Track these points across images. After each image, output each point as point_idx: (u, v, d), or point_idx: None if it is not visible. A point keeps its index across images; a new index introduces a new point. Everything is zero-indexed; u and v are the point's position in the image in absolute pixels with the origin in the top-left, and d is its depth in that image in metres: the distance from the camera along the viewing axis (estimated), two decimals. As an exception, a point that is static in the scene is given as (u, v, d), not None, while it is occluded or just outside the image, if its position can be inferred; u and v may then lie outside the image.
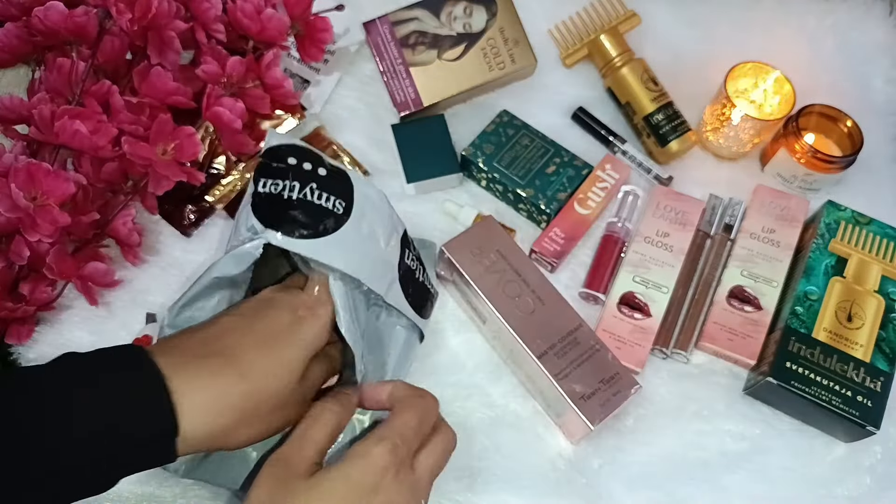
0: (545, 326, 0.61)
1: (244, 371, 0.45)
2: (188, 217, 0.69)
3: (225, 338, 0.47)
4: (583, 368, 0.60)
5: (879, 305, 0.64)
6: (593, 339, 0.61)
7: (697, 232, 0.70)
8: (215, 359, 0.45)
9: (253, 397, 0.45)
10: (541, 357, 0.59)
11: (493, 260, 0.63)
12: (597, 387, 0.59)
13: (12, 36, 0.62)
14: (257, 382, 0.46)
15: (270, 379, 0.46)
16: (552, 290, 0.63)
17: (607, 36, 0.76)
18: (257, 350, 0.46)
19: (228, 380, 0.45)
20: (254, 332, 0.47)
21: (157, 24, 0.62)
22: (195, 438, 0.43)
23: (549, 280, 0.63)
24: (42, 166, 0.58)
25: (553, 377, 0.59)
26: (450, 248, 0.63)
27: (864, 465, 0.63)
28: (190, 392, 0.43)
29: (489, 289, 0.62)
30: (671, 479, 0.62)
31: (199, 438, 0.43)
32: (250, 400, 0.45)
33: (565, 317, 0.62)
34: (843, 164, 0.70)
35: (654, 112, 0.73)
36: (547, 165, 0.72)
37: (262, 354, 0.46)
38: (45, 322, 0.65)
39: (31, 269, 0.62)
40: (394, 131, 0.73)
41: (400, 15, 0.75)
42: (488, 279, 0.62)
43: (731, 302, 0.66)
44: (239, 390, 0.45)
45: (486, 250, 0.63)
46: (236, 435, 0.46)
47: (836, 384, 0.61)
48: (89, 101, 0.61)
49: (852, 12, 0.82)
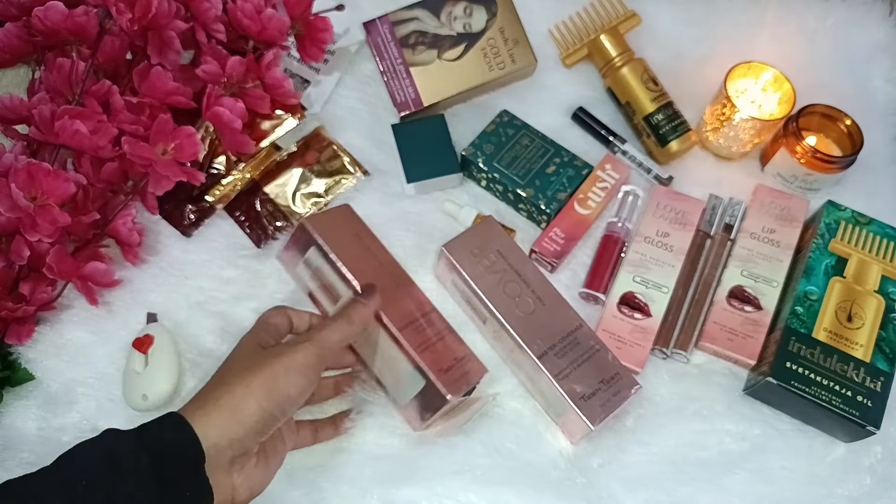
0: (545, 327, 0.61)
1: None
2: (188, 217, 0.69)
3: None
4: (583, 369, 0.60)
5: (879, 305, 0.64)
6: (593, 340, 0.61)
7: (697, 232, 0.70)
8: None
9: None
10: (541, 357, 0.59)
11: (493, 260, 0.63)
12: (597, 387, 0.59)
13: (12, 36, 0.62)
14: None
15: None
16: (552, 290, 0.63)
17: (607, 36, 0.76)
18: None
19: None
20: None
21: (157, 24, 0.62)
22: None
23: (549, 280, 0.63)
24: (42, 166, 0.58)
25: (553, 377, 0.59)
26: (450, 248, 0.63)
27: (864, 465, 0.63)
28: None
29: (489, 289, 0.62)
30: (671, 479, 0.62)
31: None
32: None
33: (566, 317, 0.62)
34: (843, 164, 0.70)
35: (654, 112, 0.73)
36: (547, 165, 0.72)
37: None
38: (45, 322, 0.65)
39: (31, 269, 0.62)
40: (394, 131, 0.73)
41: (400, 15, 0.75)
42: (488, 279, 0.62)
43: (732, 302, 0.66)
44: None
45: (486, 250, 0.63)
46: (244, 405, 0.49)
47: (836, 384, 0.61)
48: (89, 101, 0.61)
49: (852, 12, 0.82)
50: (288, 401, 0.50)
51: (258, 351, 0.52)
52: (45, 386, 0.63)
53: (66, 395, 0.62)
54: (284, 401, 0.50)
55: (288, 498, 0.59)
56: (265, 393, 0.49)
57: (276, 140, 0.72)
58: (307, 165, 0.72)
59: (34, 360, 0.63)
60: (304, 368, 0.51)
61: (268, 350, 0.52)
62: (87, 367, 0.63)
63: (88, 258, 0.63)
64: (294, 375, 0.50)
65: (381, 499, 0.59)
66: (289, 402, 0.50)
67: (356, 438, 0.62)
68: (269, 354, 0.51)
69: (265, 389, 0.49)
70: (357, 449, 0.61)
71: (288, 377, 0.50)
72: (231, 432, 0.48)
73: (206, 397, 0.49)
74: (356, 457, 0.61)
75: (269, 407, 0.49)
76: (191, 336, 0.65)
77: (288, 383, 0.50)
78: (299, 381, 0.51)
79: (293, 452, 0.61)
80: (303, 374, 0.51)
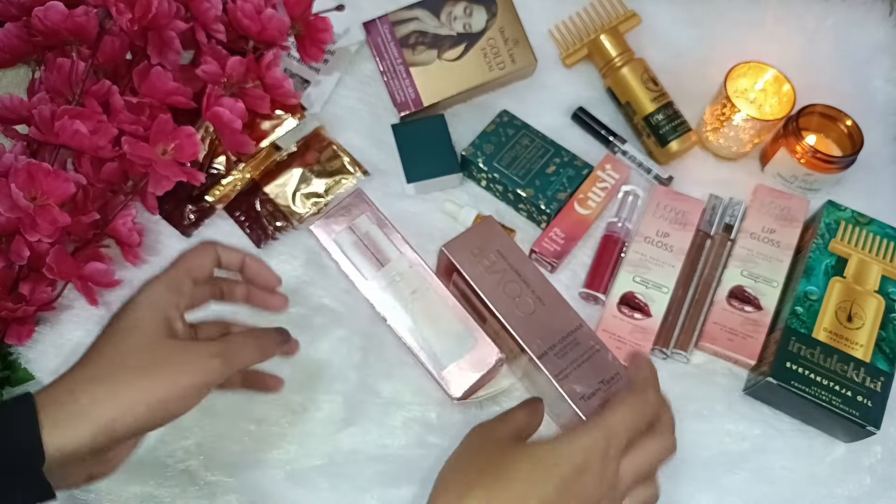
0: (545, 327, 0.61)
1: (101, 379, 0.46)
2: (188, 217, 0.69)
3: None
4: (583, 369, 0.59)
5: (879, 305, 0.64)
6: (593, 340, 0.61)
7: (697, 232, 0.70)
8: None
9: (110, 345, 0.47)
10: (541, 357, 0.59)
11: (493, 260, 0.63)
12: (597, 387, 0.59)
13: (12, 36, 0.62)
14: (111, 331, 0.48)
15: (126, 323, 0.48)
16: (552, 290, 0.63)
17: (607, 36, 0.76)
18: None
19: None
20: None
21: (157, 24, 0.62)
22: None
23: (549, 280, 0.63)
24: (42, 166, 0.58)
25: (553, 377, 0.59)
26: (450, 249, 0.63)
27: (864, 465, 0.63)
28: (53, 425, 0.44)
29: (489, 289, 0.62)
30: (671, 479, 0.62)
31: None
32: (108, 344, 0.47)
33: (566, 317, 0.62)
34: (843, 164, 0.70)
35: (654, 112, 0.73)
36: (547, 165, 0.72)
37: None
38: (45, 322, 0.65)
39: (31, 269, 0.62)
40: (394, 131, 0.73)
41: (400, 15, 0.75)
42: (488, 279, 0.62)
43: (732, 302, 0.66)
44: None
45: (486, 250, 0.63)
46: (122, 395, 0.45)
47: (836, 384, 0.61)
48: (89, 101, 0.61)
49: (852, 12, 0.82)
50: (172, 418, 0.47)
51: (162, 343, 0.47)
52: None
53: (66, 395, 0.62)
54: (168, 418, 0.46)
55: (288, 498, 0.60)
56: (147, 412, 0.45)
57: (276, 140, 0.72)
58: (307, 165, 0.72)
59: (34, 360, 0.63)
60: (204, 387, 0.47)
61: (172, 348, 0.47)
62: (87, 367, 0.63)
63: (88, 258, 0.63)
64: (191, 398, 0.47)
65: (381, 499, 0.59)
66: (172, 417, 0.47)
67: (356, 438, 0.62)
68: (172, 361, 0.46)
69: (149, 408, 0.45)
70: (357, 449, 0.61)
71: (185, 400, 0.46)
72: (93, 443, 0.44)
73: (79, 395, 0.44)
74: (356, 457, 0.61)
75: (147, 423, 0.46)
76: (191, 336, 0.65)
77: (179, 406, 0.46)
78: (193, 403, 0.47)
79: (293, 453, 0.61)
80: (200, 395, 0.47)
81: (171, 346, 0.48)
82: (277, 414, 0.62)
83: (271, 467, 0.61)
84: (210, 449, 0.61)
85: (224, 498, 0.59)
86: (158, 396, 0.46)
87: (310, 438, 0.62)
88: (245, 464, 0.61)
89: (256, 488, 0.60)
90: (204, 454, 0.61)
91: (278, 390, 0.60)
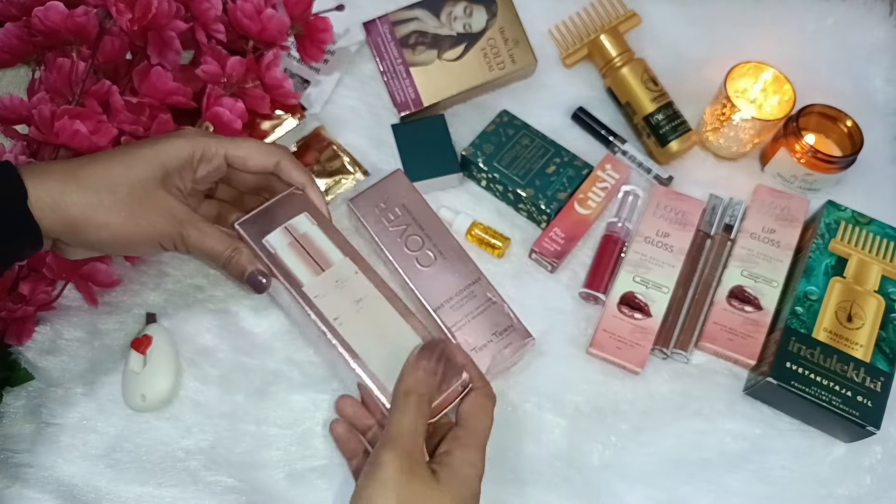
0: (444, 280, 0.62)
1: (96, 157, 0.50)
2: (188, 217, 0.69)
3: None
4: (477, 321, 0.61)
5: (879, 305, 0.64)
6: (490, 293, 0.63)
7: (697, 232, 0.70)
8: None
9: (105, 177, 0.49)
10: (437, 310, 0.61)
11: (399, 214, 0.64)
12: (489, 339, 0.61)
13: (12, 36, 0.62)
14: (110, 163, 0.50)
15: (125, 165, 0.50)
16: (454, 243, 0.64)
17: (607, 36, 0.76)
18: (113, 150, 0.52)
19: (80, 162, 0.49)
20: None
21: (157, 24, 0.62)
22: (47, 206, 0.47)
23: (451, 233, 0.64)
24: (42, 166, 0.58)
25: (448, 330, 0.61)
26: (355, 203, 0.65)
27: (864, 465, 0.63)
28: (39, 171, 0.47)
29: (390, 242, 0.63)
30: (671, 478, 0.62)
31: (50, 206, 0.47)
32: (103, 178, 0.49)
33: (464, 271, 0.63)
34: (843, 164, 0.70)
35: (654, 112, 0.73)
36: (547, 165, 0.72)
37: (117, 150, 0.52)
38: (45, 322, 0.65)
39: (31, 269, 0.62)
40: (394, 131, 0.73)
41: (400, 15, 0.75)
42: (391, 233, 0.63)
43: (732, 302, 0.66)
44: (91, 170, 0.49)
45: (391, 204, 0.64)
46: (95, 219, 0.48)
47: (836, 384, 0.61)
48: (89, 101, 0.61)
49: (852, 12, 0.82)
50: (126, 253, 0.52)
51: (153, 190, 0.51)
52: (45, 386, 0.63)
53: (66, 395, 0.62)
54: (123, 252, 0.52)
55: (288, 498, 0.60)
56: (110, 239, 0.49)
57: (276, 140, 0.72)
58: (307, 165, 0.72)
59: (34, 360, 0.63)
60: (170, 247, 0.52)
61: (160, 198, 0.51)
62: (86, 368, 0.63)
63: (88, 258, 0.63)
64: (152, 247, 0.52)
65: (381, 499, 0.59)
66: (126, 253, 0.52)
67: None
68: (153, 207, 0.50)
69: (113, 238, 0.49)
70: (357, 449, 0.61)
71: (147, 247, 0.51)
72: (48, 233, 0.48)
73: (64, 188, 0.48)
74: (356, 457, 0.61)
75: (103, 248, 0.51)
76: (189, 336, 0.65)
77: (138, 250, 0.53)
78: (150, 252, 0.55)
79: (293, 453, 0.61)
80: (161, 250, 0.52)
81: (159, 196, 0.51)
82: (277, 414, 0.62)
83: (271, 467, 0.61)
84: (210, 449, 0.61)
85: (224, 498, 0.59)
86: (128, 234, 0.49)
87: (310, 438, 0.62)
88: (245, 464, 0.61)
89: (256, 488, 0.60)
90: (204, 454, 0.61)
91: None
